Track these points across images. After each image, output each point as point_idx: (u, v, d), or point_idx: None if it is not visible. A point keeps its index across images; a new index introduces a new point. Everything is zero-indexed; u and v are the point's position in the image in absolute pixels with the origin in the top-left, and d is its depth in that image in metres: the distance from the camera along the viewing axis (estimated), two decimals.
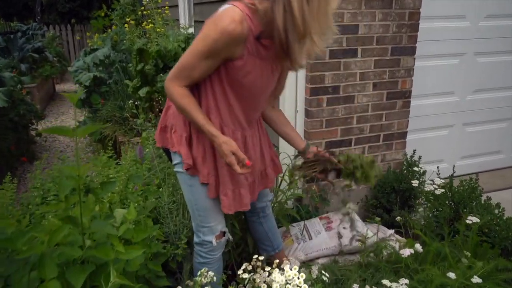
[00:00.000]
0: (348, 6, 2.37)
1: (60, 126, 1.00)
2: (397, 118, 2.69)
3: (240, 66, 1.34)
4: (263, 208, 1.84)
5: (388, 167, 2.72)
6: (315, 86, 2.44)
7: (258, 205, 1.81)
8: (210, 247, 1.59)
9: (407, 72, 2.63)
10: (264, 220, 1.85)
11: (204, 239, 1.59)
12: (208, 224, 1.57)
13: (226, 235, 1.65)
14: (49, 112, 6.55)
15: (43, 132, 0.90)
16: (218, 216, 1.60)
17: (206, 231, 1.58)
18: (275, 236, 1.93)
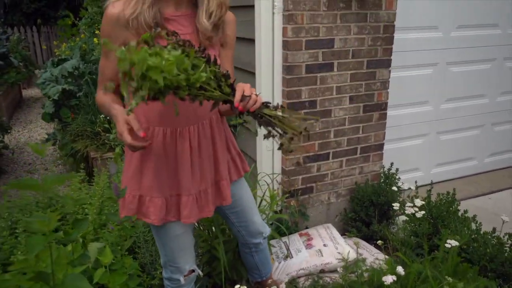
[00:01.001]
0: (323, 20, 2.35)
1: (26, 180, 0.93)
2: (374, 130, 2.70)
3: None
4: (257, 244, 1.74)
5: (366, 179, 2.73)
6: (292, 101, 2.42)
7: (251, 240, 1.71)
8: (178, 283, 1.55)
9: (382, 85, 2.64)
10: (256, 253, 1.78)
11: (172, 276, 1.54)
12: (176, 264, 1.51)
13: (195, 272, 1.59)
14: (16, 120, 6.30)
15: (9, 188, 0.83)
16: (186, 256, 1.53)
17: (173, 270, 1.53)
18: (265, 266, 1.86)
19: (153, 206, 1.40)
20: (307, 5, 2.28)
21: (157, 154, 1.37)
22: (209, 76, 1.13)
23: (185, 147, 1.38)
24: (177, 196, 1.42)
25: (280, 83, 2.41)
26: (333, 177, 2.66)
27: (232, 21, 1.45)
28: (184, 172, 1.40)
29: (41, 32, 10.94)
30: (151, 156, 1.38)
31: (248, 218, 1.66)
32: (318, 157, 2.58)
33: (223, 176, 1.50)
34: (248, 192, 1.66)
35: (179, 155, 1.38)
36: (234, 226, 1.68)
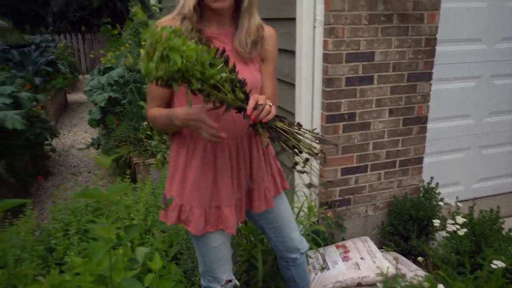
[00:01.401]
0: (364, 34, 2.36)
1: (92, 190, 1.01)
2: (413, 144, 2.67)
3: None
4: (294, 259, 1.74)
5: (404, 193, 2.70)
6: (331, 114, 2.44)
7: (288, 255, 1.72)
8: None
9: (423, 98, 2.62)
10: (294, 267, 1.78)
11: (209, 285, 1.58)
12: (213, 274, 1.56)
13: (232, 282, 1.63)
14: (61, 124, 6.61)
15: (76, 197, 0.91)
16: (223, 266, 1.56)
17: (211, 279, 1.57)
18: (302, 279, 1.84)
19: (192, 216, 1.46)
20: (348, 19, 2.31)
21: (198, 166, 1.43)
22: (225, 76, 1.14)
23: (225, 159, 1.43)
24: (216, 208, 1.47)
25: (320, 95, 2.44)
26: (371, 190, 2.66)
27: (272, 36, 1.50)
28: (224, 184, 1.45)
29: (85, 39, 11.46)
30: (192, 168, 1.44)
31: (286, 234, 1.67)
32: (356, 169, 2.58)
33: (255, 186, 1.53)
34: (287, 208, 1.68)
35: (218, 167, 1.44)
36: (272, 241, 1.71)
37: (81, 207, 2.18)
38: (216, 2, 1.30)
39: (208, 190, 1.45)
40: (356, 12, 2.31)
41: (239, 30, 1.39)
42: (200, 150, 1.41)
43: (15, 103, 3.32)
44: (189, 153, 1.43)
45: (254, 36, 1.39)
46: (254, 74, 1.43)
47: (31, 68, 5.90)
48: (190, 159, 1.43)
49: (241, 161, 1.47)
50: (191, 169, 1.44)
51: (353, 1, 2.28)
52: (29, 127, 3.23)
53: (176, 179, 1.47)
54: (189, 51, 1.07)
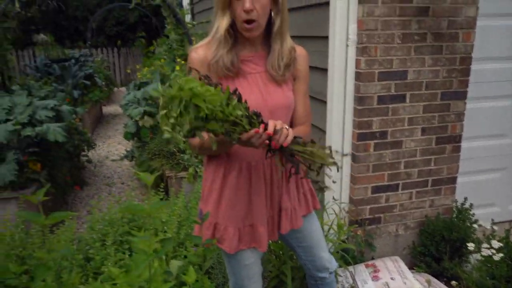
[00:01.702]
0: (397, 53, 2.37)
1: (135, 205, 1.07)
2: (446, 163, 2.63)
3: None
4: (323, 278, 1.74)
5: (436, 213, 2.66)
6: (362, 132, 2.44)
7: (317, 274, 1.72)
8: None
9: (457, 117, 2.58)
10: (322, 286, 1.77)
11: None
12: None
13: None
14: (96, 136, 6.84)
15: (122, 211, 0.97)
16: (254, 284, 1.57)
17: None
18: None
19: (226, 235, 1.49)
20: (381, 38, 2.32)
21: (233, 187, 1.47)
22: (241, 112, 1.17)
23: (259, 179, 1.47)
24: (250, 226, 1.50)
25: (352, 113, 2.46)
26: (402, 209, 2.63)
27: (304, 56, 1.53)
28: (258, 203, 1.48)
29: (120, 53, 11.88)
30: (228, 189, 1.48)
31: (315, 254, 1.68)
32: (387, 188, 2.57)
33: (283, 206, 1.55)
34: (317, 228, 1.69)
35: (253, 187, 1.47)
36: (301, 259, 1.72)
37: (117, 218, 2.26)
38: (248, 32, 1.36)
39: (242, 209, 1.48)
40: (389, 31, 2.32)
41: (272, 53, 1.43)
42: (236, 171, 1.45)
43: (56, 116, 3.48)
44: (225, 175, 1.46)
45: (287, 59, 1.43)
46: (287, 95, 1.47)
47: (71, 82, 6.17)
48: (226, 181, 1.47)
49: (274, 180, 1.50)
50: (227, 190, 1.48)
51: (386, 20, 2.30)
52: (69, 139, 3.38)
53: (211, 199, 1.50)
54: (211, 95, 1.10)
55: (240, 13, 1.32)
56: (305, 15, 2.85)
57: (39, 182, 3.30)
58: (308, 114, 1.58)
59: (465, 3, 2.40)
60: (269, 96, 1.43)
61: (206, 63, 1.39)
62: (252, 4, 1.30)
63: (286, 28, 1.43)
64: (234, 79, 1.41)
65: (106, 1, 12.11)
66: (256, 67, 1.44)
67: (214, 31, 1.39)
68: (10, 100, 3.37)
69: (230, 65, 1.38)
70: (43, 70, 6.22)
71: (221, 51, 1.37)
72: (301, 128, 1.54)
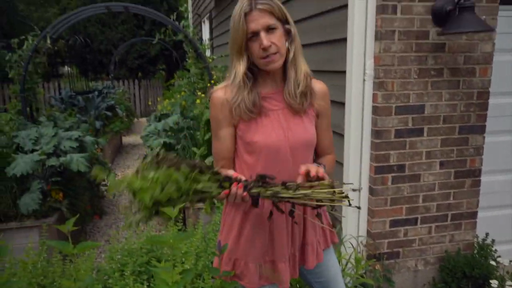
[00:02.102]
0: (414, 87, 2.41)
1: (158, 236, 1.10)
2: (466, 197, 2.60)
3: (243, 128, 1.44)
4: None
5: (457, 248, 2.61)
6: (379, 165, 2.45)
7: None
8: None
9: (476, 150, 2.57)
10: None
11: None
12: None
13: None
14: (116, 165, 6.97)
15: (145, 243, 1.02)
16: None
17: None
18: None
19: (247, 271, 1.50)
20: (398, 73, 2.37)
21: (253, 225, 1.48)
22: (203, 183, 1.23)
23: (280, 216, 1.46)
24: (270, 262, 1.51)
25: (369, 146, 2.48)
26: (421, 243, 2.59)
27: (324, 91, 1.55)
28: (279, 239, 1.49)
29: (141, 85, 12.23)
30: (247, 226, 1.49)
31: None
32: (405, 222, 2.54)
33: (309, 241, 1.55)
34: (335, 263, 1.67)
35: (274, 223, 1.48)
36: None
37: (136, 248, 2.29)
38: (271, 64, 1.39)
39: (263, 245, 1.49)
40: (405, 67, 2.37)
41: (288, 82, 1.45)
42: (257, 209, 1.45)
43: (80, 146, 3.59)
44: (246, 211, 1.48)
45: (303, 86, 1.44)
46: (308, 129, 1.48)
47: (93, 113, 6.37)
48: (246, 217, 1.49)
49: (296, 217, 1.51)
50: (247, 226, 1.49)
51: (403, 56, 2.35)
52: (90, 169, 3.47)
53: (231, 234, 1.52)
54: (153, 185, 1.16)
55: (259, 51, 1.37)
56: (324, 50, 2.93)
57: (61, 211, 3.37)
58: (331, 143, 1.63)
59: (480, 40, 2.44)
60: (290, 132, 1.45)
61: (227, 105, 1.43)
62: (268, 41, 1.35)
63: (299, 55, 1.46)
64: (256, 118, 1.44)
65: (129, 36, 12.59)
66: (277, 103, 1.47)
67: (233, 77, 1.42)
68: (37, 131, 3.50)
69: (252, 107, 1.41)
70: (68, 102, 6.45)
71: (241, 95, 1.41)
72: (328, 157, 1.59)
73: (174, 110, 4.40)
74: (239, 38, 1.37)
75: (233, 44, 1.41)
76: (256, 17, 1.34)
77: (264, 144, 1.42)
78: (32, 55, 3.97)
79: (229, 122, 1.45)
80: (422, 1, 2.31)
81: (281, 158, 1.43)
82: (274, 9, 1.36)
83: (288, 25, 1.41)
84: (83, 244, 1.05)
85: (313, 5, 3.01)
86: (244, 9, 1.35)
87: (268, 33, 1.35)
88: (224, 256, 1.51)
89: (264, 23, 1.34)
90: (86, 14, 4.42)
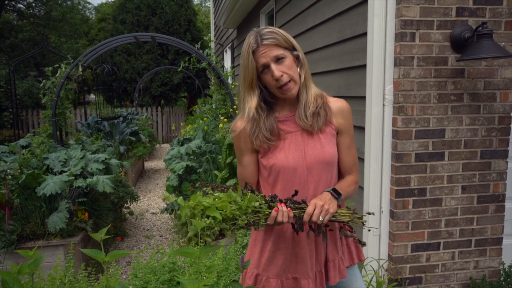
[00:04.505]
0: (434, 112, 2.44)
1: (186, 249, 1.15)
2: (490, 223, 2.57)
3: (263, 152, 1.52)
4: None
5: (482, 275, 2.55)
6: (400, 188, 2.46)
7: None
8: None
9: (499, 175, 2.56)
10: None
11: None
12: None
13: None
14: (138, 189, 7.09)
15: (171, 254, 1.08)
16: None
17: None
18: None
19: (268, 286, 1.52)
20: (417, 98, 2.41)
21: (274, 240, 1.53)
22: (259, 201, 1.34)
23: (302, 233, 1.49)
24: (293, 279, 1.53)
25: (389, 170, 2.50)
26: (444, 269, 2.55)
27: (344, 108, 1.58)
28: (302, 256, 1.52)
29: (163, 112, 12.55)
30: (270, 242, 1.53)
31: None
32: (427, 246, 2.52)
33: (330, 258, 1.57)
34: (359, 280, 1.67)
35: (296, 240, 1.51)
36: None
37: (159, 267, 2.34)
38: (287, 93, 1.46)
39: (284, 261, 1.52)
40: (425, 92, 2.41)
41: (299, 105, 1.51)
42: (279, 226, 1.49)
43: (105, 168, 3.72)
44: (267, 228, 1.52)
45: (313, 108, 1.49)
46: (325, 150, 1.50)
47: (118, 138, 6.56)
48: (269, 234, 1.54)
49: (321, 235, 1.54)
50: (270, 242, 1.53)
51: (422, 82, 2.40)
52: (115, 190, 3.58)
53: (256, 250, 1.57)
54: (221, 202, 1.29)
55: (272, 82, 1.44)
56: (344, 76, 3.00)
57: (85, 230, 3.46)
58: (355, 163, 1.62)
59: (500, 66, 2.47)
60: (308, 152, 1.49)
61: (247, 135, 1.51)
62: (279, 71, 1.42)
63: (309, 78, 1.51)
64: (276, 141, 1.50)
65: (153, 65, 13.02)
66: (295, 125, 1.52)
67: (247, 113, 1.50)
68: (66, 153, 3.65)
69: (270, 135, 1.48)
70: (94, 127, 6.68)
71: (257, 127, 1.48)
72: (349, 178, 1.60)
73: (196, 135, 4.52)
74: (249, 74, 1.46)
75: (244, 80, 1.49)
76: (264, 52, 1.42)
77: (281, 166, 1.48)
78: (64, 81, 4.19)
79: (251, 149, 1.54)
80: (440, 29, 2.38)
81: (298, 178, 1.48)
82: (279, 41, 1.43)
83: (296, 51, 1.47)
84: (114, 252, 1.11)
85: (334, 33, 3.12)
86: (252, 47, 1.43)
87: (278, 64, 1.43)
88: (247, 271, 1.55)
89: (272, 56, 1.42)
90: (115, 44, 4.65)
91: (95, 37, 23.57)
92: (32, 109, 11.27)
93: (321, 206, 1.37)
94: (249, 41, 1.45)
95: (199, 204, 1.27)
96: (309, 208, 1.37)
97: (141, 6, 13.22)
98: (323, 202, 1.38)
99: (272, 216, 1.35)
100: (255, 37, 1.44)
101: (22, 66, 14.31)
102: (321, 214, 1.36)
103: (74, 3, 21.02)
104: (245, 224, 1.33)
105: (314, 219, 1.35)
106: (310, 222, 1.38)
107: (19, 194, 3.33)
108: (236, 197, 1.32)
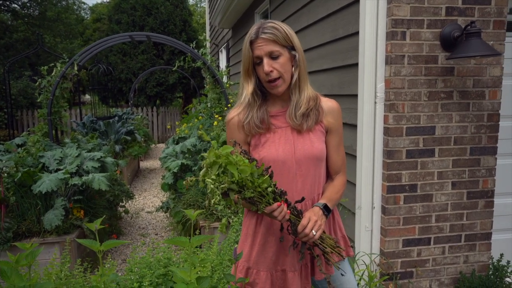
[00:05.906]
0: (424, 109, 2.49)
1: (179, 238, 1.19)
2: (479, 218, 2.62)
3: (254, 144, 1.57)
4: None
5: (472, 270, 2.61)
6: (391, 184, 2.51)
7: None
8: None
9: (488, 172, 2.61)
10: None
11: None
12: None
13: None
14: (133, 188, 7.10)
15: (167, 242, 1.11)
16: None
17: None
18: None
19: (259, 279, 1.57)
20: (408, 96, 2.46)
21: (264, 233, 1.57)
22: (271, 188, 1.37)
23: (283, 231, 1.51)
24: (282, 271, 1.57)
25: (381, 166, 2.54)
26: (435, 264, 2.60)
27: (335, 108, 1.62)
28: None
29: (158, 112, 12.56)
30: (260, 234, 1.57)
31: None
32: (418, 241, 2.57)
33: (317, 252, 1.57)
34: (350, 276, 1.71)
35: (286, 233, 1.53)
36: None
37: (154, 262, 2.37)
38: (274, 89, 1.51)
39: (274, 254, 1.56)
40: (415, 90, 2.46)
41: (291, 104, 1.56)
42: (268, 218, 1.54)
43: (101, 166, 3.74)
44: (257, 222, 1.58)
45: (304, 109, 1.53)
46: (315, 146, 1.55)
47: (114, 137, 6.57)
48: (258, 227, 1.58)
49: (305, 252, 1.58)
50: (259, 235, 1.58)
51: (413, 80, 2.45)
52: (110, 188, 3.60)
53: (247, 243, 1.61)
54: (243, 165, 1.32)
55: (263, 75, 1.49)
56: (337, 75, 3.05)
57: (81, 228, 3.48)
58: (343, 163, 1.66)
59: (489, 64, 2.53)
60: (297, 146, 1.54)
61: (240, 125, 1.56)
62: (270, 66, 1.47)
63: (303, 80, 1.55)
64: (265, 133, 1.55)
65: (148, 65, 13.02)
66: (285, 121, 1.57)
67: (243, 97, 1.56)
68: (62, 151, 3.66)
69: (260, 123, 1.53)
70: (89, 126, 6.69)
71: (251, 113, 1.54)
72: (337, 182, 1.64)
73: (191, 134, 4.55)
74: (247, 62, 1.52)
75: (243, 66, 1.55)
76: (260, 44, 1.47)
77: (271, 158, 1.52)
78: (60, 80, 4.20)
79: (244, 141, 1.58)
80: (430, 28, 2.43)
81: (287, 171, 1.52)
82: (278, 37, 1.47)
83: (294, 51, 1.51)
84: (109, 242, 1.14)
85: (327, 33, 3.16)
86: (251, 37, 1.49)
87: (272, 59, 1.48)
88: (239, 263, 1.59)
89: (267, 51, 1.47)
90: (111, 43, 4.67)
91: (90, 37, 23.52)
92: (27, 109, 11.25)
93: (315, 222, 1.42)
94: (252, 30, 1.51)
95: (227, 155, 1.28)
96: (304, 220, 1.41)
97: (136, 7, 13.22)
98: (316, 218, 1.43)
99: (272, 208, 1.38)
100: (258, 28, 1.49)
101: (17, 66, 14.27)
102: (314, 228, 1.41)
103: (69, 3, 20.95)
104: (248, 198, 1.35)
105: (307, 231, 1.39)
106: (301, 234, 1.41)
107: (15, 192, 3.34)
108: (256, 171, 1.34)
